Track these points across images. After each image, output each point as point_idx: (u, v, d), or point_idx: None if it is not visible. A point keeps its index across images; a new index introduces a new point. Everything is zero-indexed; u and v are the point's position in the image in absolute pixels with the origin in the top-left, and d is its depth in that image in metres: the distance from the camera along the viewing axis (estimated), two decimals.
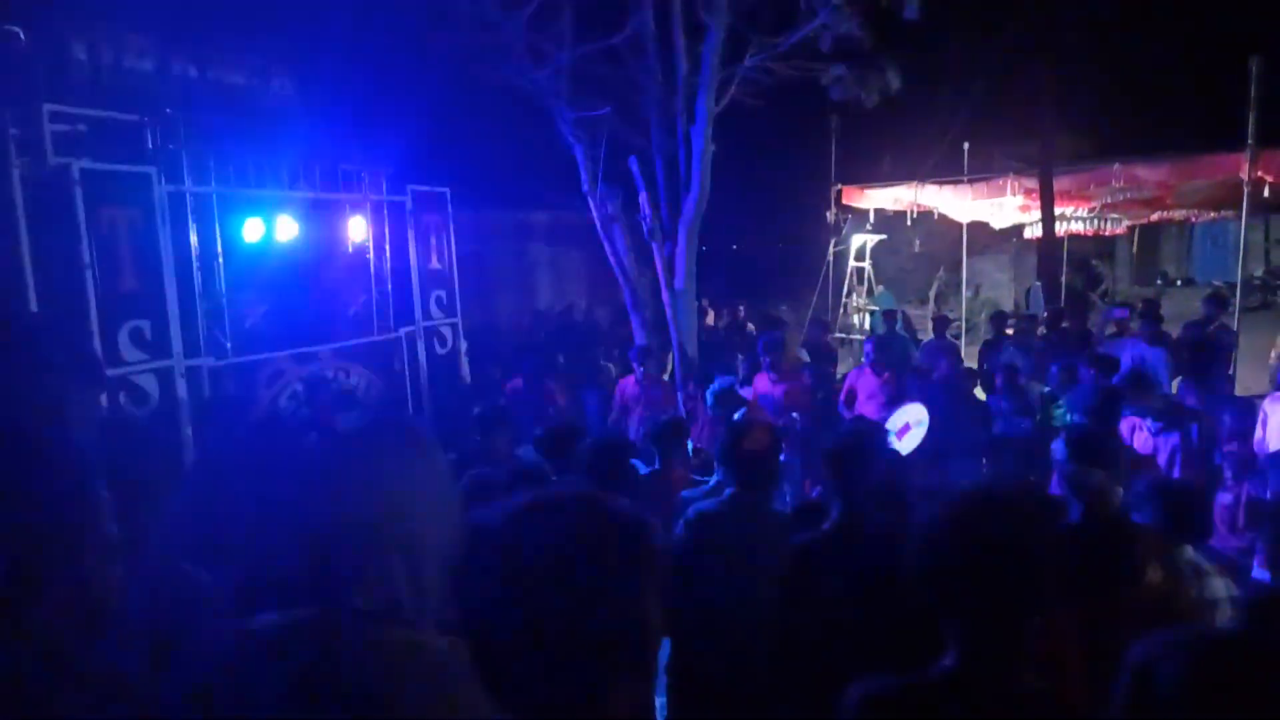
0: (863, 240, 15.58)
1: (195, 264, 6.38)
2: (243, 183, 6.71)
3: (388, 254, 8.06)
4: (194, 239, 6.38)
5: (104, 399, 2.39)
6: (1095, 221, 14.89)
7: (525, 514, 1.01)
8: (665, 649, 3.03)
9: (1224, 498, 4.35)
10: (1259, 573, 3.23)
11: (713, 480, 3.76)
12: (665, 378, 8.93)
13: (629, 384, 7.49)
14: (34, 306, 5.25)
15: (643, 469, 4.24)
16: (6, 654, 1.07)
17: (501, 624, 0.95)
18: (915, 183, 12.89)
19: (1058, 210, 13.10)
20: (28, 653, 1.08)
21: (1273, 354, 8.67)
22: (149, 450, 2.14)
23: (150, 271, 5.81)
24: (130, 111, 6.11)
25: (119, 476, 1.27)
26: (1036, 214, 13.19)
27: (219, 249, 6.64)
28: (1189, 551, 2.77)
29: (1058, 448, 2.86)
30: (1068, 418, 5.57)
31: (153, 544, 1.39)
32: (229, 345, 6.64)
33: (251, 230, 6.76)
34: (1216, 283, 15.88)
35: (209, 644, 1.23)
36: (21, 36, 5.47)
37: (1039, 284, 14.73)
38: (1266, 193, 9.79)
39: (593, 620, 0.93)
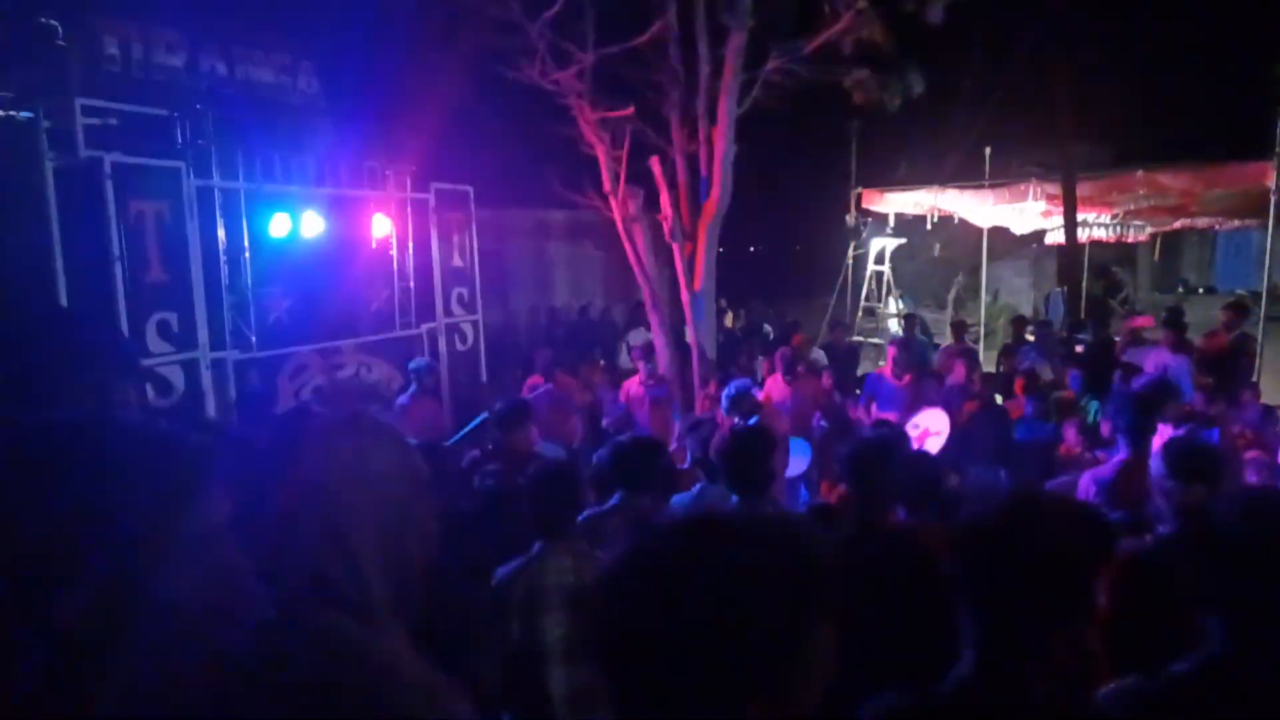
0: (882, 244, 15.52)
1: (222, 258, 6.46)
2: (269, 178, 6.79)
3: (410, 251, 8.13)
4: (221, 233, 6.46)
5: (138, 391, 2.40)
6: (1117, 228, 14.76)
7: (686, 532, 0.95)
8: None
9: None
10: None
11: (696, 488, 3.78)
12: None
13: (633, 384, 7.51)
14: (63, 297, 5.33)
15: None
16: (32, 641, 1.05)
17: (642, 642, 0.90)
18: (936, 187, 12.84)
19: (1079, 216, 13.01)
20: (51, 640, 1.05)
21: None
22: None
23: (178, 265, 5.88)
24: (160, 106, 6.19)
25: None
26: (1058, 220, 13.10)
27: (245, 243, 6.71)
28: None
29: (1155, 463, 2.82)
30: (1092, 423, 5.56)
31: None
32: (254, 339, 6.71)
33: (278, 225, 6.83)
34: (1239, 291, 15.73)
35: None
36: (60, 30, 5.55)
37: (1059, 290, 14.64)
38: None
39: (737, 647, 0.87)
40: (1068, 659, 1.43)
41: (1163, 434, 4.91)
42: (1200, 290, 21.41)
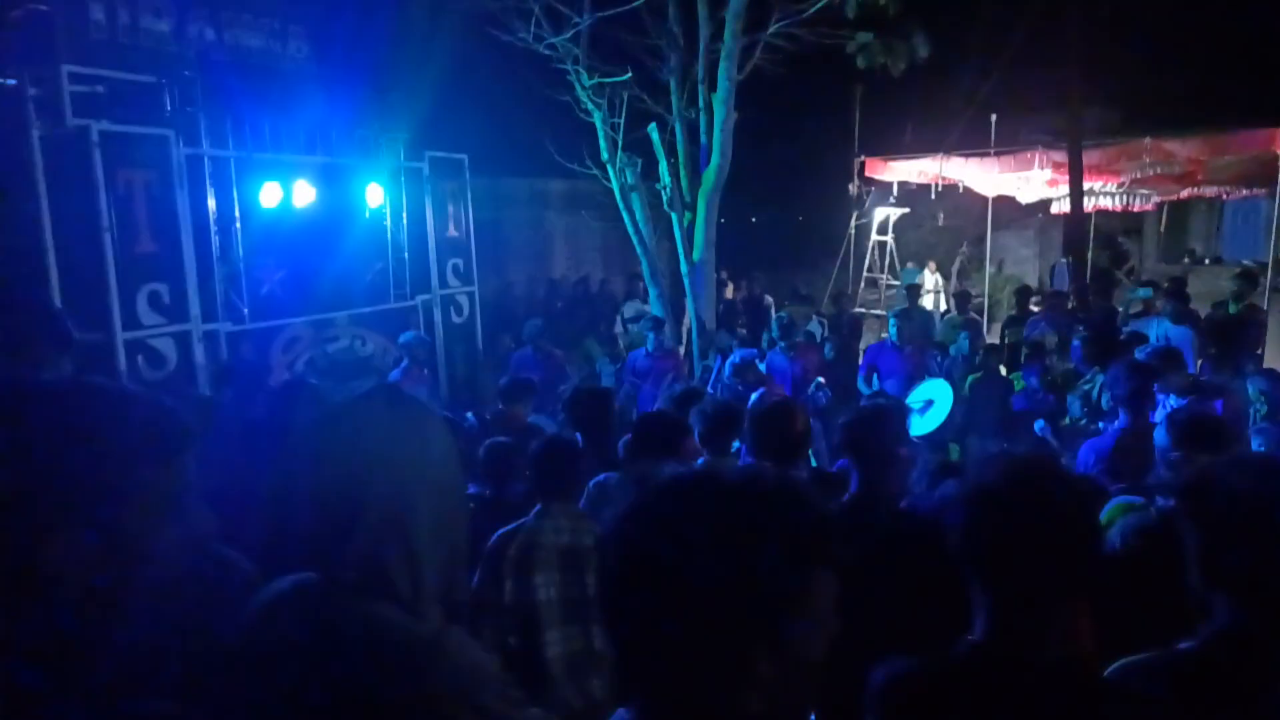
0: (885, 213, 15.38)
1: (213, 228, 6.38)
2: (260, 147, 6.69)
3: (405, 221, 8.03)
4: (211, 203, 6.38)
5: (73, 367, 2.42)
6: (1123, 197, 14.59)
7: (688, 484, 0.96)
8: None
9: None
10: None
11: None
12: (680, 349, 8.89)
13: (639, 356, 7.45)
14: (53, 268, 5.27)
15: None
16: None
17: (643, 591, 0.90)
18: (940, 155, 12.68)
19: (1085, 185, 12.84)
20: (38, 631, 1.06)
21: None
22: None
23: (168, 235, 5.81)
24: (148, 73, 6.08)
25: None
26: (1064, 189, 12.95)
27: (236, 213, 6.63)
28: None
29: (1159, 433, 2.79)
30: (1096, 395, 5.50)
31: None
32: (246, 310, 6.65)
33: (269, 195, 6.74)
34: (1246, 262, 15.57)
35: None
36: None
37: (1064, 261, 14.50)
38: None
39: (737, 596, 0.87)
40: (1077, 624, 1.42)
41: (1164, 402, 4.85)
42: (1207, 261, 21.23)
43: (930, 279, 14.36)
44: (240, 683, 1.18)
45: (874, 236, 15.59)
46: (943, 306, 12.90)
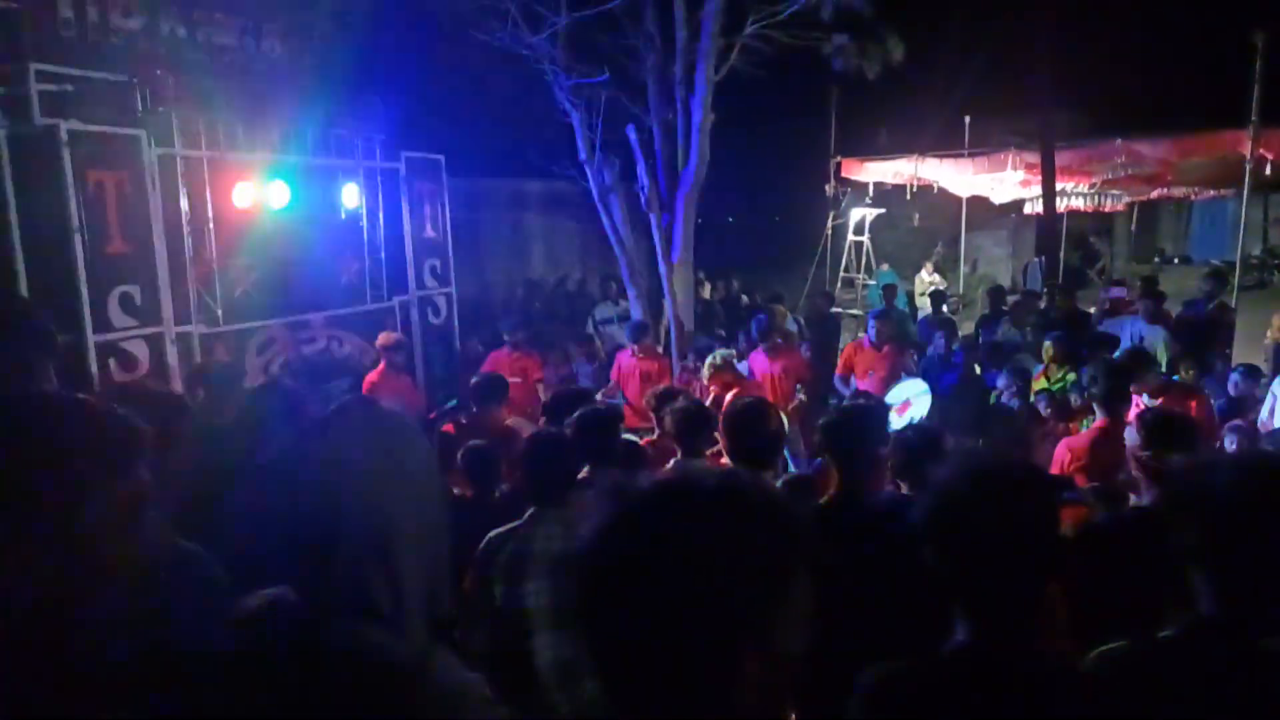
0: (861, 214, 15.49)
1: (185, 229, 6.28)
2: (233, 146, 6.60)
3: (381, 222, 7.97)
4: (184, 203, 6.28)
5: (57, 368, 2.38)
6: (1095, 198, 14.82)
7: (665, 491, 0.94)
8: None
9: None
10: None
11: None
12: (659, 349, 8.90)
13: (625, 356, 7.45)
14: (22, 271, 5.17)
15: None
16: None
17: (621, 604, 0.89)
18: (915, 156, 12.80)
19: (1057, 186, 13.02)
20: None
21: (1268, 334, 8.65)
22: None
23: (140, 236, 5.72)
24: (119, 71, 5.98)
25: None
26: (1037, 189, 13.11)
27: (209, 214, 6.53)
28: None
29: (1130, 432, 2.84)
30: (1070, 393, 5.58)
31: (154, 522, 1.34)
32: (220, 312, 6.57)
33: (242, 195, 6.65)
34: (1214, 261, 15.85)
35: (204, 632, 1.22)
36: None
37: (1037, 260, 14.68)
38: (1268, 171, 9.75)
39: (720, 604, 0.86)
40: (1049, 620, 1.45)
41: (1138, 401, 4.92)
42: (1176, 260, 21.58)
43: (929, 277, 14.42)
44: (214, 708, 1.15)
45: (850, 237, 15.70)
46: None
